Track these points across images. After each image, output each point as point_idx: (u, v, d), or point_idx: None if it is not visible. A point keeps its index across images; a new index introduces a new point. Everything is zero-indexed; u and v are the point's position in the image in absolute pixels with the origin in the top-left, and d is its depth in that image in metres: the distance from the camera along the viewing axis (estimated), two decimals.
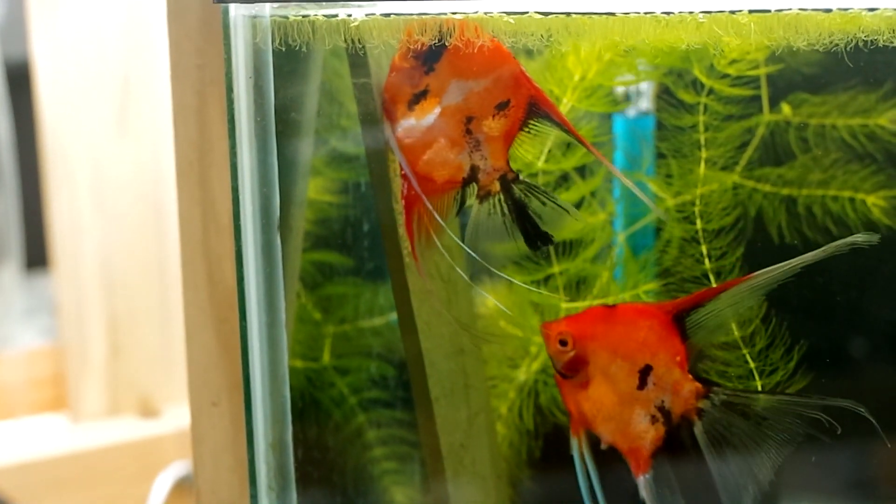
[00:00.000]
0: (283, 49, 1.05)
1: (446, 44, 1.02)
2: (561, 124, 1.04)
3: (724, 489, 1.01)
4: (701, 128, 1.16)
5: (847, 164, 1.16)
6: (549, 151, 1.20)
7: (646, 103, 1.25)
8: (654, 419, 1.02)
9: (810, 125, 1.16)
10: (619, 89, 1.22)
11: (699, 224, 1.15)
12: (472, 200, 1.06)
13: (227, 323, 1.19)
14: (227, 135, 1.11)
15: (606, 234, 1.23)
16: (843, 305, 1.16)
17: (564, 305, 1.21)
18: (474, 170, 1.04)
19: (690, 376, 1.02)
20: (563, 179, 1.20)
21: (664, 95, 1.19)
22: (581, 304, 1.21)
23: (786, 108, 1.17)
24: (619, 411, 1.02)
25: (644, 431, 1.02)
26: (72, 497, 2.03)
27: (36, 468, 2.01)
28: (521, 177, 1.04)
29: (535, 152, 1.20)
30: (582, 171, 1.21)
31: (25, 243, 2.58)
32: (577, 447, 1.04)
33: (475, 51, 1.01)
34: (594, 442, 1.05)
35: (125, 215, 2.13)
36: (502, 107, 1.03)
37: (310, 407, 1.33)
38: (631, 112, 1.25)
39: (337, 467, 1.34)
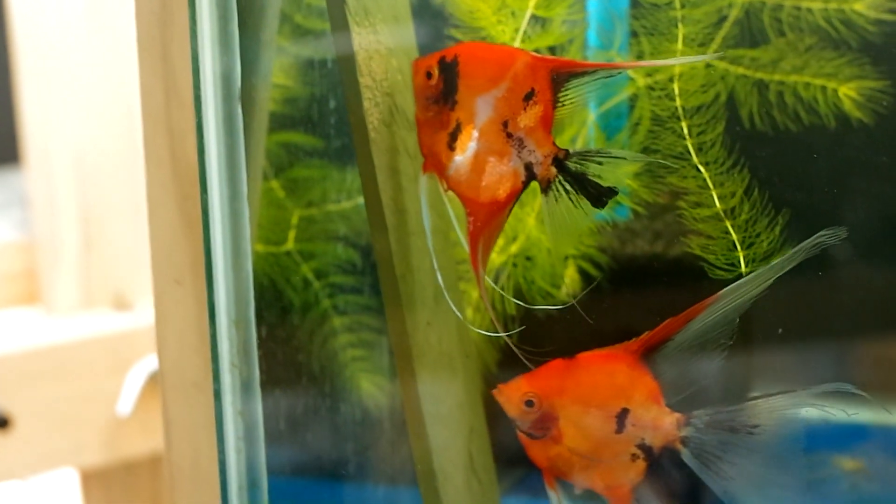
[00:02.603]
0: None
1: (457, 72, 1.03)
2: (588, 69, 1.02)
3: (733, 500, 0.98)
4: (677, 3, 1.13)
5: (821, 51, 1.14)
6: (525, 32, 1.18)
7: None
8: (634, 457, 0.99)
9: (785, 6, 1.14)
10: None
11: (679, 101, 1.13)
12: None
13: (190, 200, 1.17)
14: (188, 3, 1.08)
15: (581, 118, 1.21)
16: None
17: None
18: (529, 167, 1.03)
19: (668, 409, 0.98)
20: None
21: None
22: None
23: None
24: (597, 459, 1.00)
25: (625, 471, 1.00)
26: (45, 390, 2.02)
27: (9, 361, 2.00)
28: (571, 151, 1.03)
29: (509, 34, 1.17)
30: (553, 51, 1.19)
31: None
32: (556, 499, 1.02)
33: (483, 64, 1.02)
34: (568, 486, 1.02)
35: (97, 109, 2.11)
36: (529, 97, 1.02)
37: (270, 291, 1.32)
38: None
39: (303, 349, 1.34)
